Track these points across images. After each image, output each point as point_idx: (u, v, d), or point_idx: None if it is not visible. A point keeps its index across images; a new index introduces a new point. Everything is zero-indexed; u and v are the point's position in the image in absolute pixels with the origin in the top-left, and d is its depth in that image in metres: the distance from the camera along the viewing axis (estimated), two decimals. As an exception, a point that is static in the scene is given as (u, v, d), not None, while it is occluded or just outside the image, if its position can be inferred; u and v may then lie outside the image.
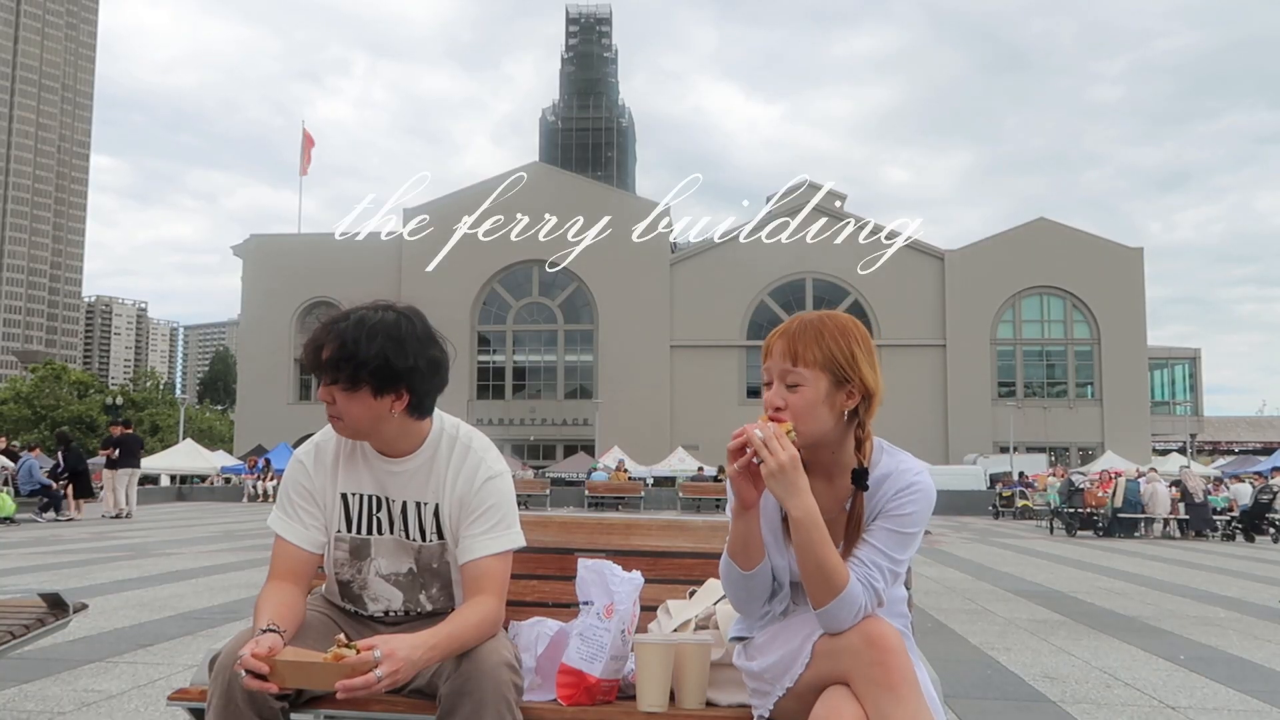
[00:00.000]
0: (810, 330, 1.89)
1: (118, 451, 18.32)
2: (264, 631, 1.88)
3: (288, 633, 1.94)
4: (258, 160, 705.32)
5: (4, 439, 19.88)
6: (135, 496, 19.25)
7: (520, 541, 2.18)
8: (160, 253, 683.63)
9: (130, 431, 19.70)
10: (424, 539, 2.19)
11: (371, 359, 2.03)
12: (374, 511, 2.19)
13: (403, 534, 2.19)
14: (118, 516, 17.97)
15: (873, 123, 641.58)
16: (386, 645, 1.81)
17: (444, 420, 2.23)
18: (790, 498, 1.76)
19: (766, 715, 1.87)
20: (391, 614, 2.23)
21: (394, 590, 2.22)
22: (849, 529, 1.86)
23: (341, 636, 1.84)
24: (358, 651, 1.79)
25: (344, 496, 2.20)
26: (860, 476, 1.85)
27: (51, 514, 17.30)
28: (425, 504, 2.18)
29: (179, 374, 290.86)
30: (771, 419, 1.85)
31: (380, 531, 2.20)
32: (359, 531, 2.20)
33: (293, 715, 1.97)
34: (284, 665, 1.78)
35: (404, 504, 2.19)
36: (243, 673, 1.80)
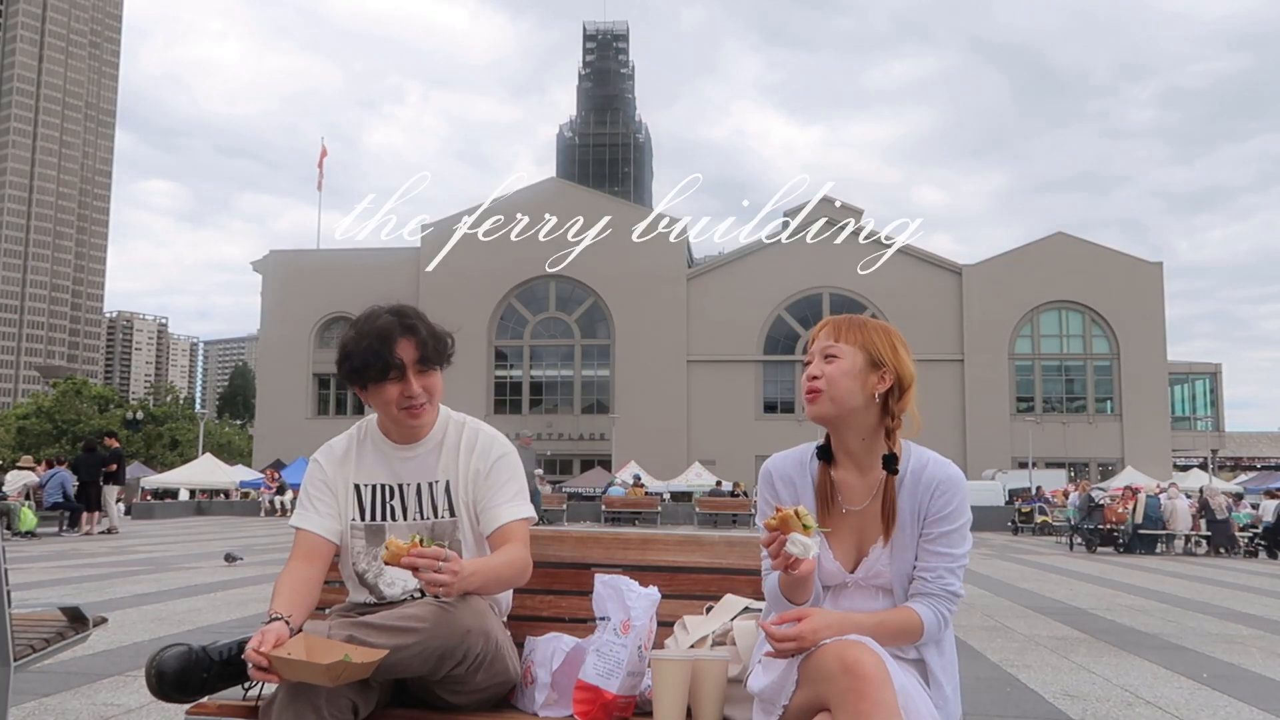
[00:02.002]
0: (852, 319, 2.08)
1: (115, 465, 18.30)
2: (271, 620, 2.02)
3: (295, 618, 2.07)
4: (309, 183, 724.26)
5: (30, 458, 19.98)
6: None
7: (535, 514, 2.36)
8: (207, 272, 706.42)
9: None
10: (436, 515, 2.33)
11: (445, 335, 2.31)
12: (387, 499, 2.34)
13: (417, 515, 2.33)
14: (107, 532, 17.84)
15: (908, 145, 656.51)
16: (451, 557, 1.99)
17: (448, 411, 2.40)
18: (836, 634, 1.83)
19: None
20: (409, 595, 2.31)
21: (408, 572, 2.28)
22: (885, 515, 1.99)
23: (395, 539, 1.99)
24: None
25: (357, 487, 2.35)
26: (890, 462, 2.00)
27: (75, 529, 17.39)
28: (436, 482, 2.34)
29: (199, 389, 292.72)
30: (808, 390, 2.04)
31: (394, 517, 2.34)
32: (374, 518, 2.34)
33: None
34: (279, 662, 1.88)
35: (417, 486, 2.34)
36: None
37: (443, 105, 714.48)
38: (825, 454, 2.07)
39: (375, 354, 2.20)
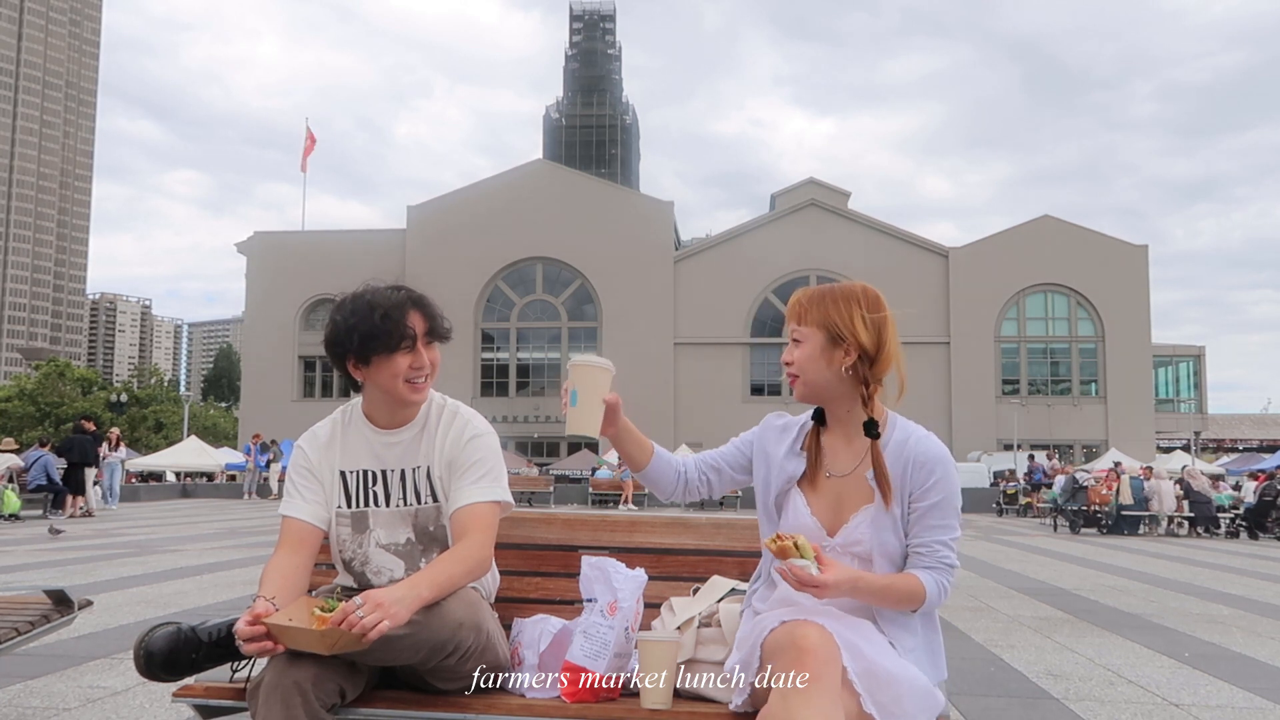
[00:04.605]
0: (815, 294, 2.10)
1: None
2: (255, 601, 2.00)
3: (278, 599, 2.04)
4: (331, 172, 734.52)
5: (12, 440, 19.86)
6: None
7: (507, 498, 2.28)
8: (221, 258, 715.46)
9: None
10: (419, 501, 2.30)
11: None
12: (370, 485, 2.31)
13: (400, 502, 2.30)
14: (87, 515, 17.80)
15: (916, 137, 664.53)
16: (367, 594, 1.89)
17: (433, 394, 2.36)
18: (848, 594, 1.90)
19: (740, 705, 1.92)
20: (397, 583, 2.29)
21: (395, 560, 2.30)
22: (880, 479, 2.01)
23: (316, 610, 1.91)
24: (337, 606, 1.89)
25: (343, 474, 2.32)
26: (870, 427, 2.02)
27: (58, 512, 17.29)
28: (419, 468, 2.30)
29: (183, 371, 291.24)
30: (787, 376, 2.09)
31: (378, 504, 2.31)
32: (358, 505, 2.31)
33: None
34: (277, 629, 1.89)
35: (401, 472, 2.30)
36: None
37: (466, 98, 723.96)
38: (820, 417, 2.13)
39: (390, 323, 2.16)
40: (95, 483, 18.89)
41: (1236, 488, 22.79)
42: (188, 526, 15.58)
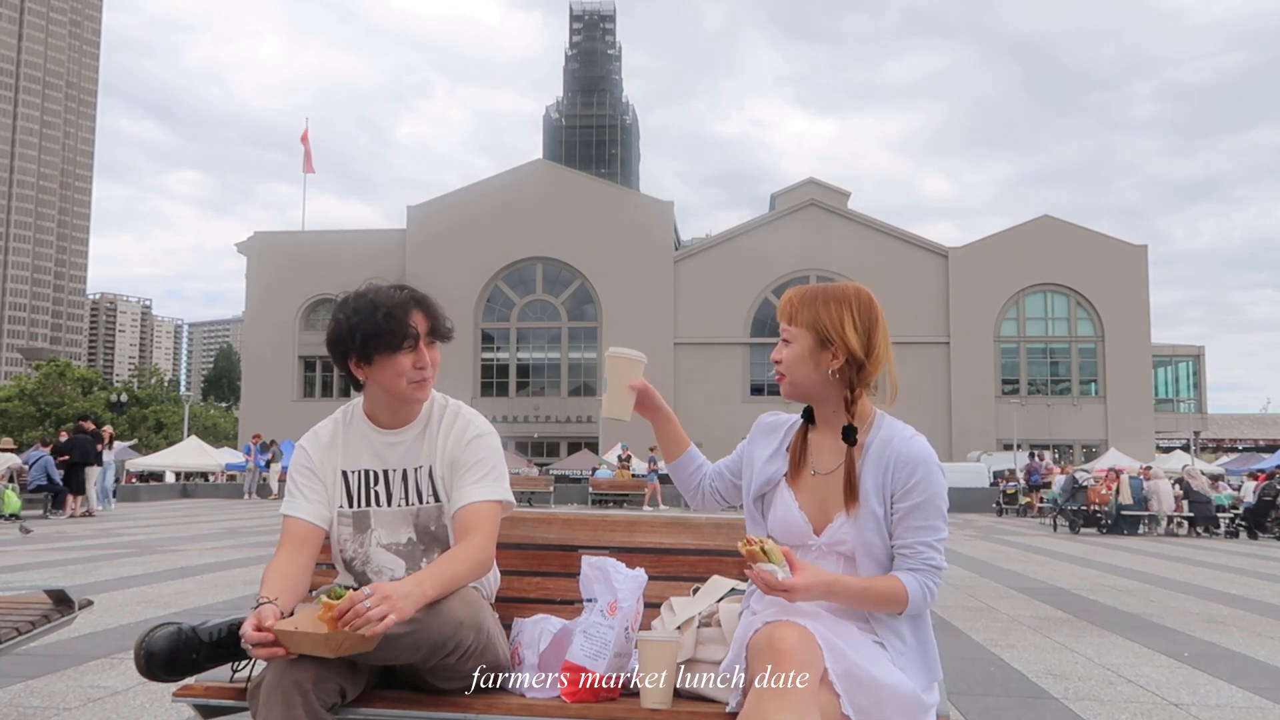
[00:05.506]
0: (807, 295, 2.08)
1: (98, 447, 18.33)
2: (259, 605, 1.99)
3: (284, 604, 2.04)
4: (332, 172, 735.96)
5: (10, 440, 19.86)
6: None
7: (509, 498, 2.29)
8: (222, 258, 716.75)
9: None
10: (421, 501, 2.30)
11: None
12: (372, 485, 2.31)
13: (402, 501, 2.30)
14: (87, 515, 17.82)
15: (916, 137, 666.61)
16: (375, 585, 1.90)
17: (435, 394, 2.36)
18: (821, 597, 1.90)
19: (734, 706, 1.92)
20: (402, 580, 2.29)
21: (396, 559, 2.30)
22: (847, 485, 2.00)
23: (323, 598, 1.89)
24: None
25: (344, 474, 2.32)
26: (848, 433, 2.01)
27: (59, 512, 17.30)
28: (420, 468, 2.30)
29: (183, 371, 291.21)
30: (775, 374, 2.11)
31: (379, 504, 2.31)
32: (360, 505, 2.31)
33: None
34: (284, 634, 1.89)
35: (403, 472, 2.31)
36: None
37: (467, 99, 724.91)
38: (809, 415, 2.13)
39: (393, 322, 2.17)
40: (95, 482, 18.88)
41: (1236, 488, 22.79)
42: (188, 526, 15.58)
